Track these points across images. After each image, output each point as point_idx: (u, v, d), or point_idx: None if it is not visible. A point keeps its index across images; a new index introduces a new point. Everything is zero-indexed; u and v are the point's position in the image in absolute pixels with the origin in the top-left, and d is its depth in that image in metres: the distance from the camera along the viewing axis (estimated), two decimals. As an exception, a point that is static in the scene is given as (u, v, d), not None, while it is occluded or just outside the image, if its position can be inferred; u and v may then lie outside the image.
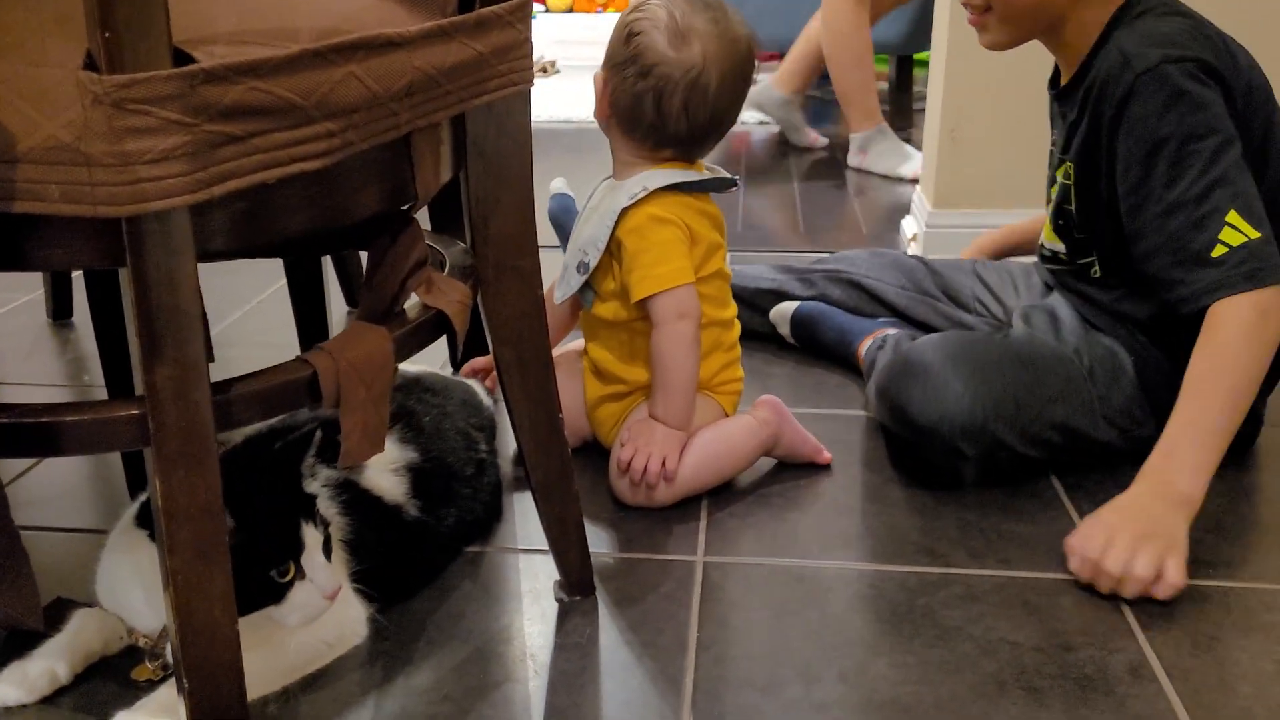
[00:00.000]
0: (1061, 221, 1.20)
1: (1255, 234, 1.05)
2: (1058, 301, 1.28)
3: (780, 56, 2.91)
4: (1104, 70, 1.11)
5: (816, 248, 1.92)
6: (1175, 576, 0.97)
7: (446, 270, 0.86)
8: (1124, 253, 1.14)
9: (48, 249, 0.59)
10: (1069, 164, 1.16)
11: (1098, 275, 1.21)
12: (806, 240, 1.82)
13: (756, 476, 1.22)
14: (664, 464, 1.12)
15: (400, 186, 0.73)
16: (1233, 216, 1.05)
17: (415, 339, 0.75)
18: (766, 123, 2.98)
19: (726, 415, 1.23)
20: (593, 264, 1.16)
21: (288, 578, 0.81)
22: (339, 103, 0.62)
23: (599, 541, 1.09)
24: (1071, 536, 1.03)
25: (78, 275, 1.70)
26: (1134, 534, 0.99)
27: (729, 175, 1.21)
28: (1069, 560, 1.02)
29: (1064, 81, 1.20)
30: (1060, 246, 1.25)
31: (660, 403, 1.15)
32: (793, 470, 1.23)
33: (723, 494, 1.18)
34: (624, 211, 1.14)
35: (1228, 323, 1.04)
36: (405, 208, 0.77)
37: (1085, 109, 1.14)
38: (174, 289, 0.58)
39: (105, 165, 0.53)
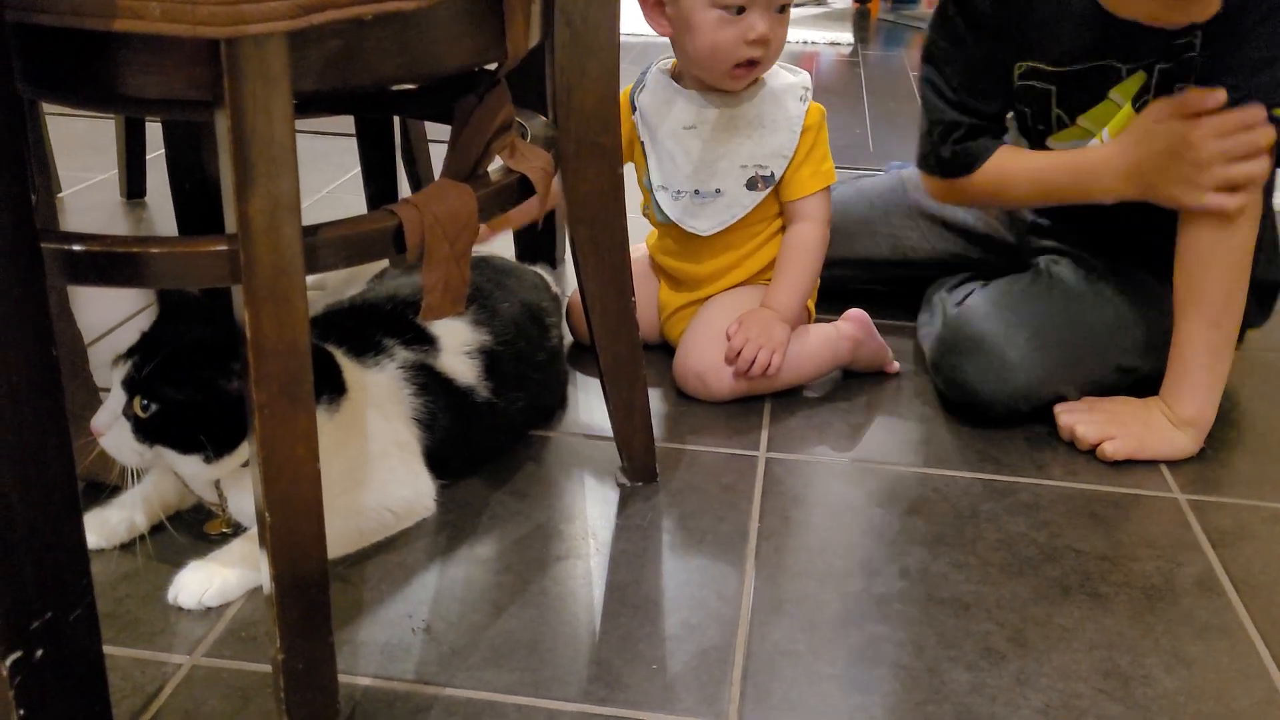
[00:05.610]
0: None
1: None
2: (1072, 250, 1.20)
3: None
4: None
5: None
6: (1109, 449, 1.06)
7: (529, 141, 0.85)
8: None
9: (143, 75, 0.58)
10: (1191, 37, 1.02)
11: None
12: (876, 160, 1.79)
13: (820, 379, 1.22)
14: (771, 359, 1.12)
15: (489, 44, 0.72)
16: None
17: (498, 201, 0.75)
18: (837, 44, 2.91)
19: (810, 316, 1.22)
20: (779, 174, 1.15)
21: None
22: (437, -58, 0.61)
23: (661, 433, 1.09)
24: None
25: (152, 156, 1.72)
26: (1110, 414, 1.08)
27: None
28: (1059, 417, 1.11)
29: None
30: None
31: (784, 294, 1.16)
32: (859, 376, 1.22)
33: (785, 394, 1.18)
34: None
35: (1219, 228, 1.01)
36: (493, 69, 0.75)
37: None
38: (269, 120, 0.57)
39: (208, -17, 0.53)
